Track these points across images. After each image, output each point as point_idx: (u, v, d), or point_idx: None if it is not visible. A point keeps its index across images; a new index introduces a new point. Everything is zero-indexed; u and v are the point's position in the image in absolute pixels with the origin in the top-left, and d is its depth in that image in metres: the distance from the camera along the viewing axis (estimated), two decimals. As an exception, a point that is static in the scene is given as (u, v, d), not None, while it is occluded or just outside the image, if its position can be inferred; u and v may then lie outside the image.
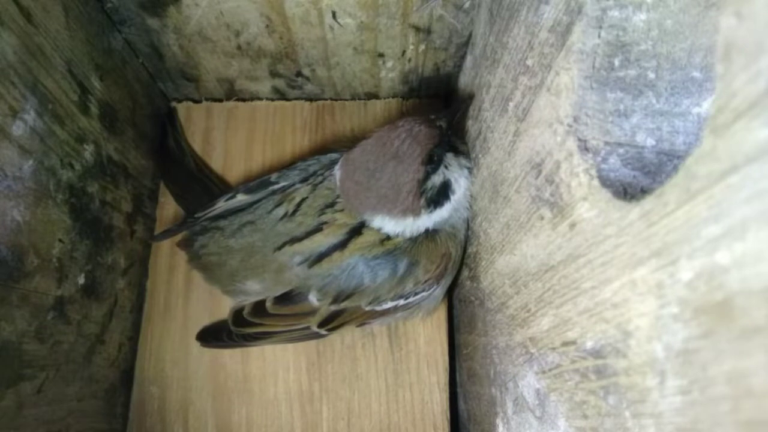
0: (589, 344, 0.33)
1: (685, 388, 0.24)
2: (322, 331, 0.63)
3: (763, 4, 0.17)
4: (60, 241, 0.56)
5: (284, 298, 0.62)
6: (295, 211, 0.62)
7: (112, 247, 0.67)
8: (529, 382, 0.44)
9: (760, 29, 0.17)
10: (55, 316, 0.56)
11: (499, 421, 0.53)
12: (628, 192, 0.28)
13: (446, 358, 0.72)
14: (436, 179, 0.59)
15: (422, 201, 0.58)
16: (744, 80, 0.18)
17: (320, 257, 0.60)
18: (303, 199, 0.63)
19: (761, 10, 0.17)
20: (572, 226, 0.33)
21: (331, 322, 0.62)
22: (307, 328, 0.63)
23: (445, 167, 0.59)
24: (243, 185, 0.69)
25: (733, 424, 0.21)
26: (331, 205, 0.61)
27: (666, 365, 0.25)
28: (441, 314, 0.74)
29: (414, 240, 0.60)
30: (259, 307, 0.63)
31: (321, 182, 0.63)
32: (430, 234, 0.60)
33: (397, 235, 0.59)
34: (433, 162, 0.58)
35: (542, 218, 0.38)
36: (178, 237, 0.72)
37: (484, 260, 0.57)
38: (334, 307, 0.61)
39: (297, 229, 0.62)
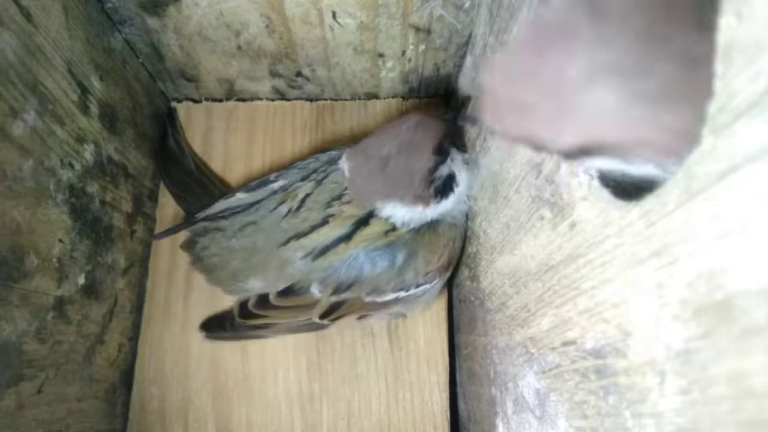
0: (589, 344, 0.33)
1: (685, 388, 0.24)
2: (324, 322, 0.64)
3: (763, 4, 0.17)
4: (60, 241, 0.56)
5: (287, 291, 0.63)
6: (299, 207, 0.63)
7: (112, 247, 0.67)
8: (529, 382, 0.44)
9: (760, 29, 0.17)
10: (55, 316, 0.56)
11: (499, 421, 0.53)
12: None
13: (446, 358, 0.72)
14: (444, 170, 0.60)
15: (431, 190, 0.59)
16: (744, 80, 0.18)
17: (325, 250, 0.60)
18: (307, 195, 0.63)
19: (761, 10, 0.17)
20: (572, 226, 0.33)
21: (332, 312, 0.63)
22: (309, 319, 0.64)
23: (451, 160, 0.61)
24: (242, 186, 0.69)
25: (734, 424, 0.21)
26: (338, 197, 0.62)
27: (666, 365, 0.25)
28: (441, 314, 0.74)
29: (416, 231, 0.61)
30: (263, 300, 0.64)
31: (325, 177, 0.64)
32: (432, 226, 0.61)
33: (403, 225, 0.60)
34: (441, 153, 0.59)
35: (542, 218, 0.38)
36: (180, 238, 0.72)
37: (484, 260, 0.57)
38: (334, 298, 0.62)
39: (302, 224, 0.62)
